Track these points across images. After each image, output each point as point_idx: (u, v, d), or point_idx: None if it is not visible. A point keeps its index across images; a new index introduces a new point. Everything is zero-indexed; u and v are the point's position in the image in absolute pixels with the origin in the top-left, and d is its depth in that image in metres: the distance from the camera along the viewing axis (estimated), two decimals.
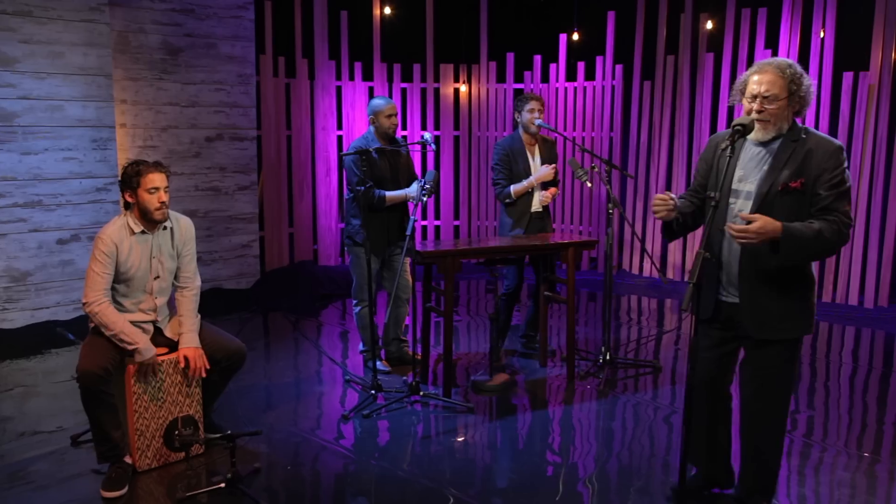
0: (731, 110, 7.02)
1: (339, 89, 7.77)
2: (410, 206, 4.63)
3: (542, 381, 4.72)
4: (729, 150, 2.50)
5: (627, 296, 7.07)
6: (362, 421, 4.02)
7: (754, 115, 2.60)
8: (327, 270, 7.55)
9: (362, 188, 4.30)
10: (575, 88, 7.90)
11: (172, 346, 3.46)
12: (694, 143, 7.26)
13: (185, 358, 3.35)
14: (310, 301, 6.72)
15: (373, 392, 4.24)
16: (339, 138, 7.83)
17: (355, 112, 7.84)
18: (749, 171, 2.68)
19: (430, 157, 7.81)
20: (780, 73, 2.59)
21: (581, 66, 7.81)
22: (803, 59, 6.58)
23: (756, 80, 2.62)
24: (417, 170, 5.42)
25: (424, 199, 4.17)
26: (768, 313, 2.66)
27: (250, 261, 6.86)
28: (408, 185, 4.63)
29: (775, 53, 6.70)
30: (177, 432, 3.37)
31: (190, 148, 6.39)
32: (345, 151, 4.58)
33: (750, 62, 6.85)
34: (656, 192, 7.49)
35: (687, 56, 7.23)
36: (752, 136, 2.65)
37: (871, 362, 5.20)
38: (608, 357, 4.90)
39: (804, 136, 2.62)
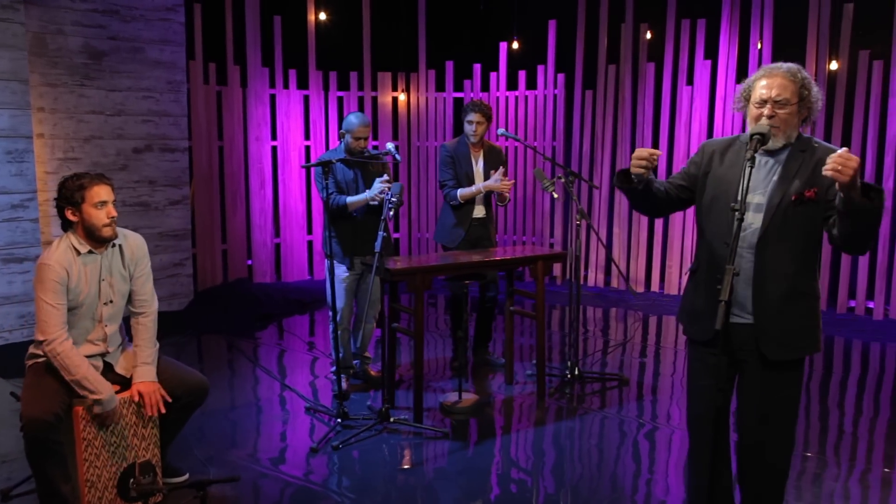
0: (672, 120, 7.09)
1: (272, 98, 7.40)
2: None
3: (512, 400, 4.54)
4: (750, 161, 2.37)
5: (569, 305, 6.97)
6: (332, 453, 3.72)
7: (765, 121, 2.48)
8: (265, 288, 7.15)
9: (327, 198, 4.11)
10: (516, 97, 7.81)
11: (125, 383, 3.07)
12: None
13: (140, 394, 2.98)
14: (248, 322, 6.31)
15: (339, 421, 3.95)
16: (274, 149, 7.46)
17: (290, 121, 7.49)
18: (757, 182, 2.53)
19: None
20: (792, 77, 2.49)
21: (522, 74, 7.73)
22: (742, 70, 6.71)
23: (765, 85, 2.50)
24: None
25: (391, 213, 3.93)
26: (787, 333, 2.52)
27: (183, 280, 6.40)
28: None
29: (715, 64, 6.81)
30: (133, 481, 2.99)
31: (116, 160, 5.89)
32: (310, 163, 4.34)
33: (690, 72, 6.95)
34: (599, 203, 7.51)
35: (628, 65, 7.26)
36: (750, 145, 2.52)
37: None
38: (576, 372, 4.78)
39: (815, 145, 2.53)
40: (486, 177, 4.81)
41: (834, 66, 6.41)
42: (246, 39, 7.15)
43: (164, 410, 3.01)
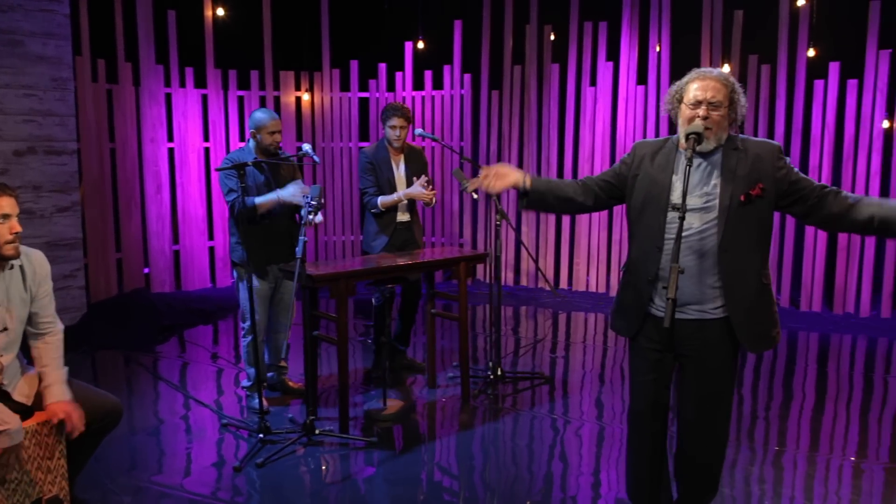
0: (577, 120, 7.23)
1: (168, 97, 7.01)
2: (299, 220, 4.19)
3: (436, 404, 4.47)
4: (689, 161, 2.41)
5: (483, 305, 6.98)
6: (256, 471, 3.52)
7: (699, 122, 2.53)
8: (165, 298, 6.76)
9: (234, 202, 3.90)
10: (423, 97, 7.75)
11: (24, 411, 2.77)
12: (542, 152, 7.40)
13: (57, 417, 2.68)
14: (149, 335, 5.93)
15: (262, 436, 3.75)
16: (171, 151, 7.07)
17: (187, 122, 7.12)
18: (692, 184, 2.58)
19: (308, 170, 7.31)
20: (724, 82, 2.56)
21: (428, 74, 7.68)
22: (642, 71, 6.94)
23: (699, 87, 2.56)
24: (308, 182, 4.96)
25: (311, 217, 3.77)
26: (761, 324, 2.59)
27: (75, 293, 5.93)
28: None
29: (616, 66, 7.00)
30: None
31: None
32: (220, 165, 4.09)
33: (594, 73, 7.12)
34: (507, 203, 7.56)
35: (533, 66, 7.35)
36: (687, 146, 2.57)
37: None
38: (498, 372, 4.77)
39: (745, 142, 2.60)
40: (409, 181, 4.70)
41: (726, 69, 6.72)
42: (138, 35, 6.74)
43: (82, 428, 2.73)
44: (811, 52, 6.40)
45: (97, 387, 4.58)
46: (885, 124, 6.24)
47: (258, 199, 4.11)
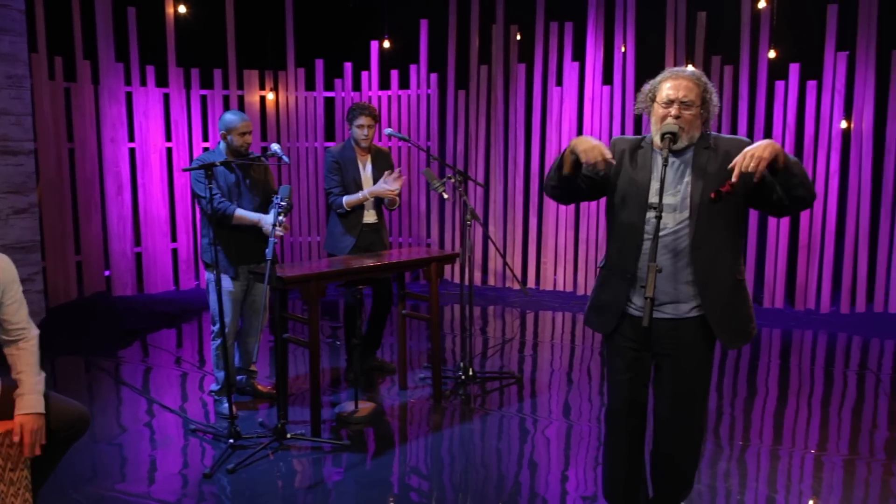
0: (543, 120, 7.27)
1: (129, 95, 6.86)
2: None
3: (408, 406, 4.44)
4: (665, 161, 2.43)
5: (451, 305, 6.98)
6: (227, 477, 3.46)
7: (671, 121, 2.55)
8: (127, 302, 6.61)
9: (208, 203, 3.82)
10: (389, 97, 7.71)
11: None
12: (509, 152, 7.42)
13: (17, 435, 2.59)
14: (112, 339, 5.79)
15: (231, 441, 3.68)
16: (132, 151, 6.92)
17: (149, 121, 6.97)
18: (668, 183, 2.60)
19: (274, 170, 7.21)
20: (696, 81, 2.59)
21: (395, 74, 7.64)
22: (608, 72, 7.00)
23: (672, 86, 2.58)
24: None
25: (282, 218, 3.72)
26: (737, 321, 2.61)
27: (33, 297, 5.76)
28: (264, 203, 4.15)
29: (582, 66, 7.05)
30: None
31: None
32: (189, 166, 4.01)
33: (560, 73, 7.15)
34: (474, 202, 7.56)
35: (500, 66, 7.36)
36: (662, 145, 2.59)
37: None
38: (470, 372, 4.76)
39: (716, 140, 2.63)
40: (376, 181, 4.66)
41: (690, 69, 6.80)
42: (97, 32, 6.58)
43: (38, 452, 2.65)
44: (772, 54, 6.53)
45: (66, 392, 4.46)
46: (843, 125, 6.39)
47: (239, 211, 4.05)
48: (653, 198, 2.57)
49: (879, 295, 6.43)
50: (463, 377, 4.74)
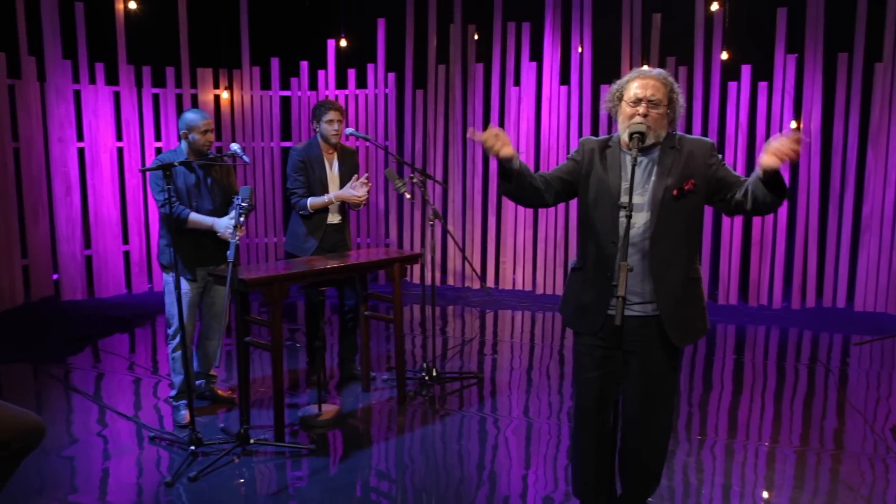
0: (501, 119, 7.29)
1: (77, 93, 6.65)
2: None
3: (372, 408, 4.40)
4: (634, 160, 2.45)
5: (411, 306, 6.94)
6: (189, 486, 3.37)
7: (639, 119, 2.57)
8: (77, 307, 6.41)
9: (165, 205, 3.73)
10: (346, 96, 7.63)
11: None
12: (468, 152, 7.42)
13: None
14: (60, 346, 5.60)
15: (192, 448, 3.59)
16: (81, 151, 6.71)
17: (98, 121, 6.77)
18: (637, 181, 2.62)
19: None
20: (663, 81, 2.62)
21: (352, 73, 7.57)
22: (564, 72, 7.05)
23: (639, 85, 2.61)
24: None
25: (243, 219, 3.64)
26: (687, 318, 2.65)
27: None
28: (224, 204, 4.07)
29: (540, 66, 7.09)
30: None
31: None
32: (148, 166, 3.91)
33: (517, 73, 7.18)
34: (434, 201, 7.54)
35: (458, 66, 7.36)
36: (631, 145, 2.60)
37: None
38: (433, 373, 4.74)
39: (681, 140, 2.66)
40: (343, 181, 4.58)
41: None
42: (42, 27, 6.35)
43: None
44: (725, 56, 6.66)
45: (14, 402, 4.30)
46: (793, 125, 6.56)
47: (193, 216, 3.97)
48: (623, 197, 2.59)
49: (828, 290, 6.63)
50: (427, 378, 4.72)
